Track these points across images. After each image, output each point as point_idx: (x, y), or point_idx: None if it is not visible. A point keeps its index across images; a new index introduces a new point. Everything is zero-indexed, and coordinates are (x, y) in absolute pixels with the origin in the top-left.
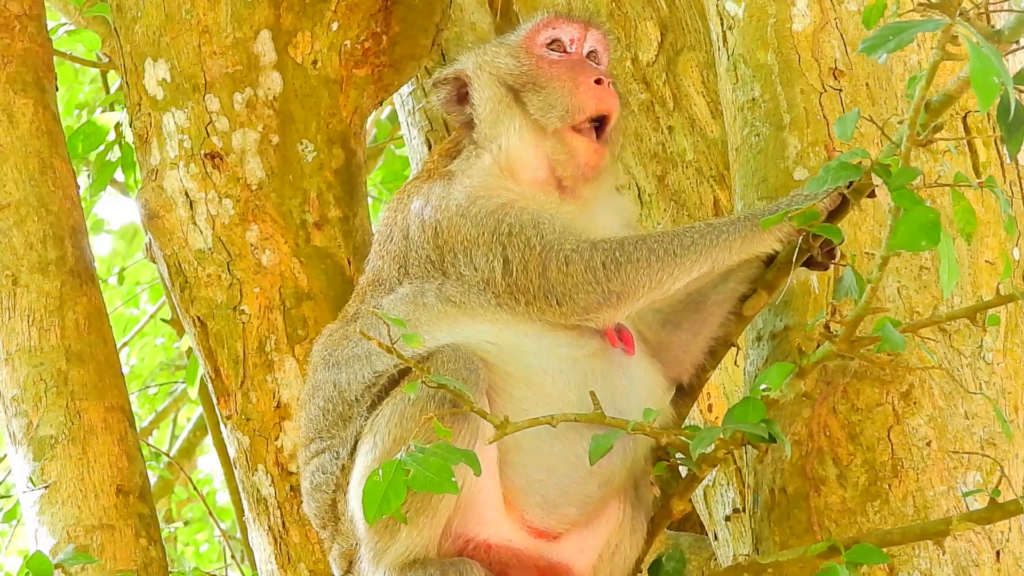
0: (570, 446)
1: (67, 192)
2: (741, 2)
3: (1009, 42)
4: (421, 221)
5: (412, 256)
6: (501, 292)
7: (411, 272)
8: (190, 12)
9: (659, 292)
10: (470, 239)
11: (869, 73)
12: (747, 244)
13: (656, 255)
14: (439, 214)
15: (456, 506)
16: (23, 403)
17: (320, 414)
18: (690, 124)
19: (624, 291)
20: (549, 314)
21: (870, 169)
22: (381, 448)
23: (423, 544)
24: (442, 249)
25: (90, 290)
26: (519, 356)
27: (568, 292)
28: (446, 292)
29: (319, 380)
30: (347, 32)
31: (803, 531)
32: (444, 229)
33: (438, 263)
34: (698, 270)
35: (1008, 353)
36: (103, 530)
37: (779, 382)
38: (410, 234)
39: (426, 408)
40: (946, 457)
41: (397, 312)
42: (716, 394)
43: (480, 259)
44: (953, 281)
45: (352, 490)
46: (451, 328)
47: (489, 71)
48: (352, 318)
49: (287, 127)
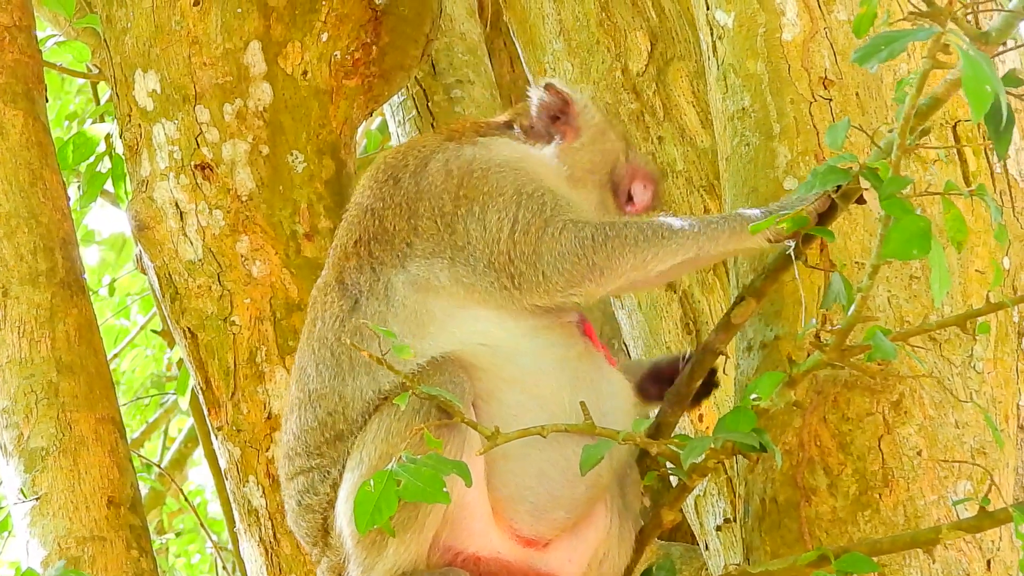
0: (560, 450)
1: (57, 203)
2: (731, 12)
3: (997, 43)
4: (447, 169)
5: (424, 207)
6: (500, 266)
7: (420, 228)
8: (180, 23)
9: (642, 271)
10: (493, 191)
11: (859, 82)
12: (735, 237)
13: (644, 234)
14: (473, 164)
15: (444, 519)
16: (14, 415)
17: (318, 427)
18: (680, 134)
19: (608, 266)
20: (537, 292)
21: (858, 173)
22: (368, 464)
23: (411, 559)
24: (460, 200)
25: (80, 301)
26: (514, 357)
27: (555, 261)
28: (456, 273)
29: (323, 388)
30: (337, 43)
31: (794, 541)
32: (474, 178)
33: (450, 217)
34: (683, 254)
35: (998, 362)
36: (94, 542)
37: (770, 391)
38: (427, 181)
39: (411, 423)
40: (937, 466)
41: (403, 303)
42: (707, 404)
43: (493, 216)
44: (944, 290)
45: (340, 507)
46: (447, 325)
47: (595, 139)
48: (350, 291)
49: (277, 138)
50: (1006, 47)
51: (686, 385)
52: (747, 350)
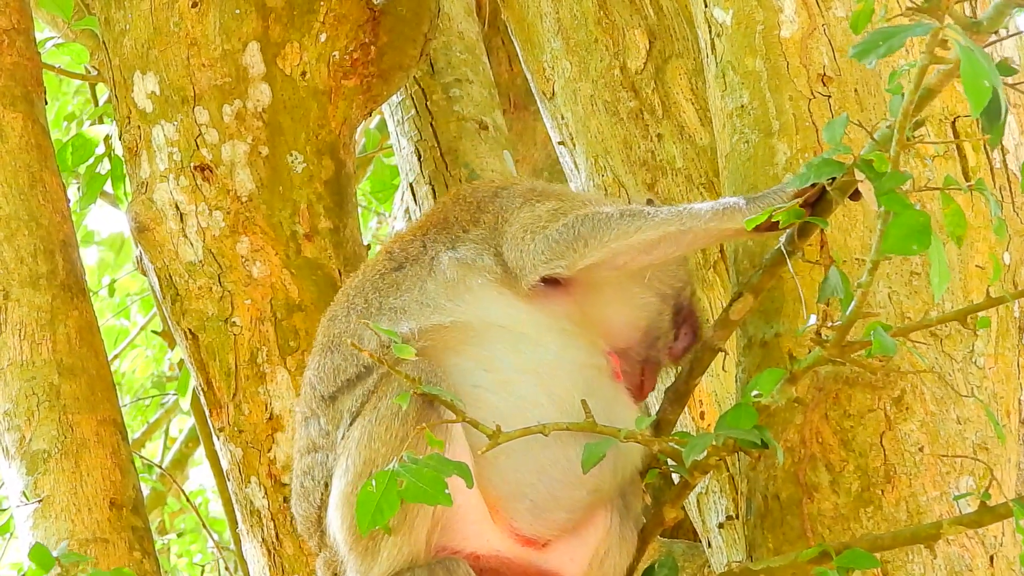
0: (563, 450)
1: (57, 205)
2: (729, 9)
3: (988, 32)
4: (532, 186)
5: (493, 206)
6: (515, 244)
7: (481, 220)
8: (178, 25)
9: (624, 242)
10: (567, 194)
11: (858, 79)
12: (716, 216)
13: (629, 211)
14: (557, 186)
15: (433, 520)
16: (15, 417)
17: (333, 373)
18: (679, 131)
19: (591, 235)
20: (531, 264)
21: (852, 165)
22: (353, 471)
23: (405, 561)
24: (528, 196)
25: (81, 303)
26: (537, 348)
27: (550, 233)
28: (500, 260)
29: (348, 331)
30: (335, 43)
31: (796, 538)
32: (555, 188)
33: (514, 211)
34: (665, 228)
35: (999, 357)
36: (97, 543)
37: (771, 388)
38: (507, 192)
39: (391, 427)
40: (938, 462)
41: (444, 272)
42: (708, 401)
43: (548, 204)
44: (944, 285)
45: (331, 513)
46: (483, 298)
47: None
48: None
49: (276, 138)
50: (999, 36)
51: (685, 383)
52: (747, 347)
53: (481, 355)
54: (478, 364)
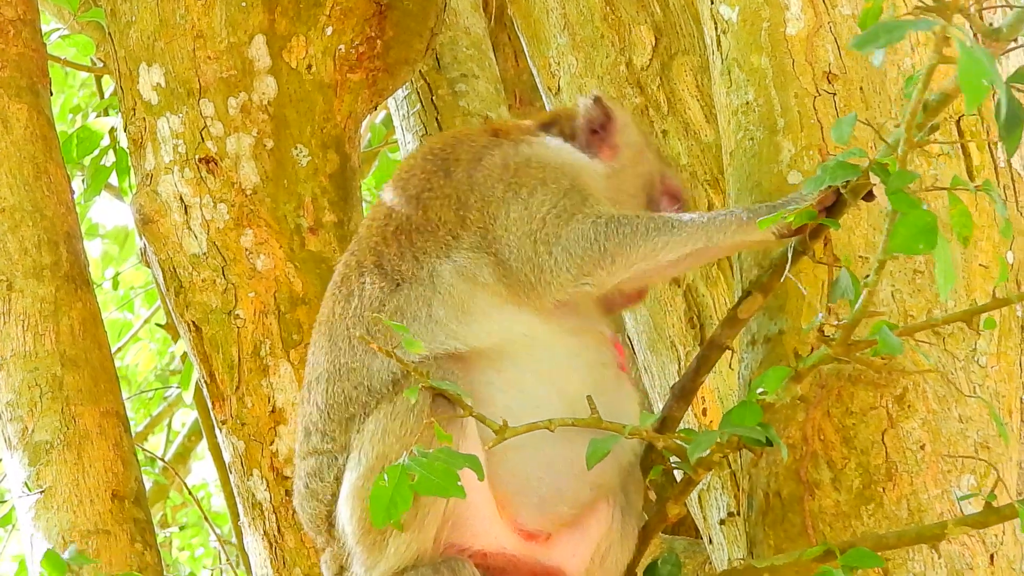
0: (570, 445)
1: (61, 197)
2: (735, 6)
3: (1008, 40)
4: (504, 164)
5: (474, 198)
6: (526, 256)
7: (468, 220)
8: (184, 17)
9: (652, 260)
10: (548, 179)
11: (863, 77)
12: (742, 229)
13: (655, 223)
14: (531, 159)
15: (444, 517)
16: (18, 408)
17: (344, 402)
18: (684, 128)
19: (619, 253)
20: (555, 282)
21: (867, 168)
22: (365, 464)
23: (412, 558)
24: (510, 185)
25: (85, 295)
26: (552, 352)
27: (570, 246)
28: (499, 272)
29: (355, 362)
30: (341, 36)
31: (797, 535)
32: (531, 167)
33: (498, 202)
34: (692, 244)
35: (1002, 356)
36: (98, 535)
37: (776, 386)
38: (481, 174)
39: (406, 422)
40: (940, 460)
41: (449, 290)
42: (711, 398)
43: (538, 198)
44: (950, 285)
45: (341, 505)
46: (492, 315)
47: (634, 161)
48: (391, 277)
49: (281, 132)
50: (1018, 43)
51: (691, 380)
52: (751, 344)
53: (498, 365)
54: (490, 364)
